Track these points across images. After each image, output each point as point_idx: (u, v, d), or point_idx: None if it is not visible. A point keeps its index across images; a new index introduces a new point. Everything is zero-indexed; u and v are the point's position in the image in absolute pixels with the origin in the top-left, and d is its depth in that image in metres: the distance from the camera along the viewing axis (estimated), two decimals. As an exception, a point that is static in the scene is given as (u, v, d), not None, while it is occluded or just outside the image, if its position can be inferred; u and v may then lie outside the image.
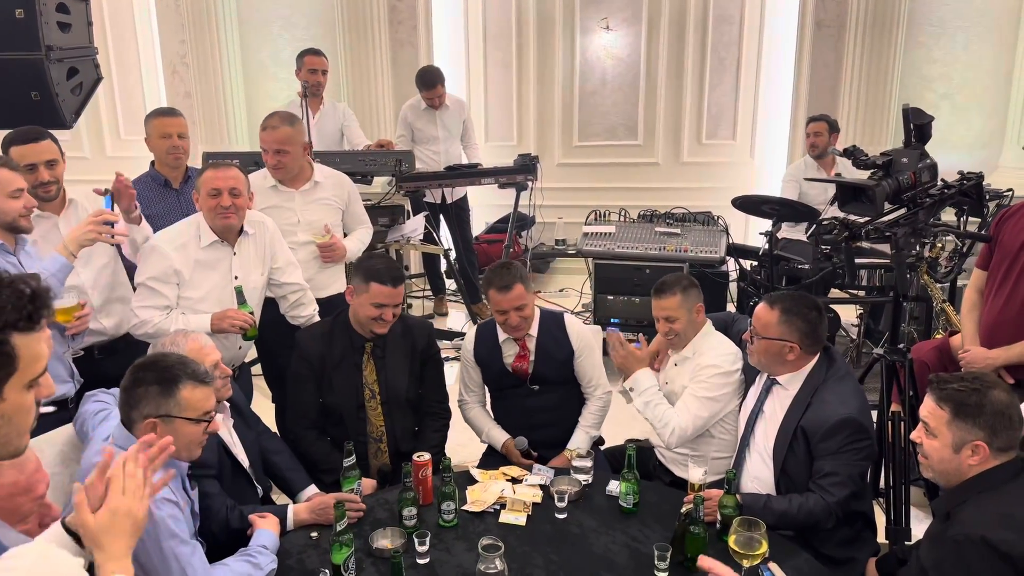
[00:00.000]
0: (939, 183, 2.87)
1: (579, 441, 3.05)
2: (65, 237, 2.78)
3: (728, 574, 1.75)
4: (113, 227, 2.79)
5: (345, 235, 3.88)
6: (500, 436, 3.10)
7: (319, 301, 3.44)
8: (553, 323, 3.10)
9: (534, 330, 3.04)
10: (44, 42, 3.46)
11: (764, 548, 2.08)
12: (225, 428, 2.54)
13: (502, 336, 3.06)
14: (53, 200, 3.04)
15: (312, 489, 2.71)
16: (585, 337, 3.11)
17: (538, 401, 3.09)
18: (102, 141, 7.30)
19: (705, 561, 1.84)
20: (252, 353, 3.54)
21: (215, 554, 2.21)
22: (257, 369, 3.88)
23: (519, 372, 3.07)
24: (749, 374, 2.84)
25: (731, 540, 2.12)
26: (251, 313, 2.99)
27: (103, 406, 2.39)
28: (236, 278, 3.00)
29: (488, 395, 3.26)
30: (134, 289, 3.03)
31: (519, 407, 3.10)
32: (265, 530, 2.31)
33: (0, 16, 3.39)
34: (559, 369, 3.08)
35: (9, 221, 2.66)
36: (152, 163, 3.68)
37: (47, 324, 1.31)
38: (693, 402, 2.80)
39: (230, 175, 2.95)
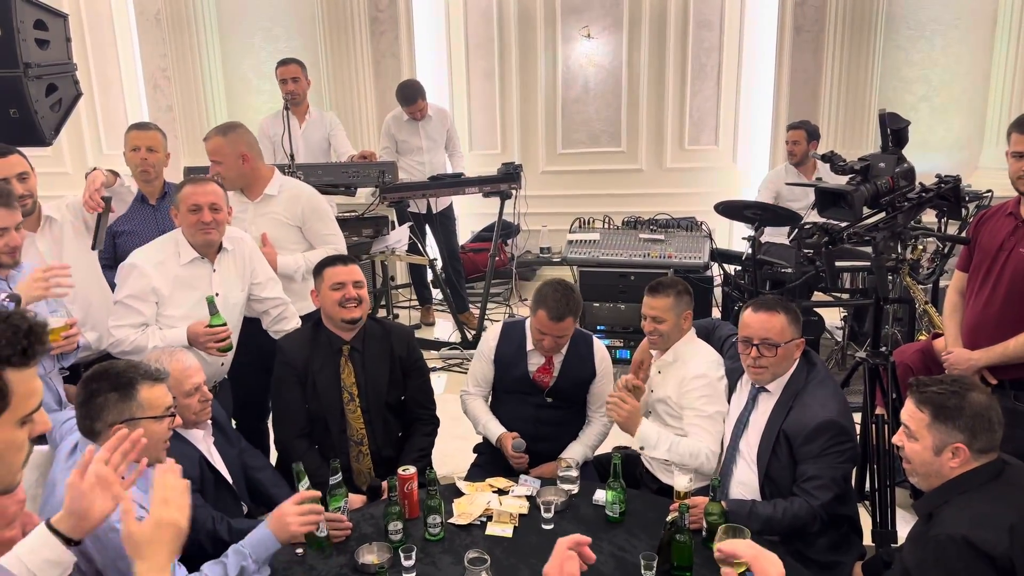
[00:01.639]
0: (917, 187, 2.89)
1: (575, 453, 3.04)
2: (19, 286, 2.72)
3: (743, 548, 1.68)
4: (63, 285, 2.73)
5: None
6: (497, 429, 3.09)
7: None
8: (583, 343, 3.10)
9: (563, 348, 3.04)
10: (22, 59, 3.44)
11: (749, 555, 2.09)
12: (206, 444, 2.53)
13: (530, 344, 3.05)
14: (29, 215, 3.03)
15: None
16: (607, 362, 3.13)
17: (547, 414, 3.08)
18: (84, 157, 7.27)
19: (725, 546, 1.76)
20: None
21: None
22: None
23: (539, 383, 3.07)
24: (729, 379, 2.86)
25: (716, 547, 2.12)
26: (223, 325, 2.93)
27: (72, 413, 2.38)
28: (217, 295, 2.98)
29: (491, 393, 3.25)
30: None
31: (527, 414, 3.09)
32: (263, 532, 2.19)
33: (-23, 35, 3.38)
34: (578, 388, 3.10)
35: None
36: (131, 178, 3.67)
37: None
38: (705, 422, 2.79)
39: (209, 190, 2.94)
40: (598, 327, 4.86)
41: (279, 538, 2.18)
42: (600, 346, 3.14)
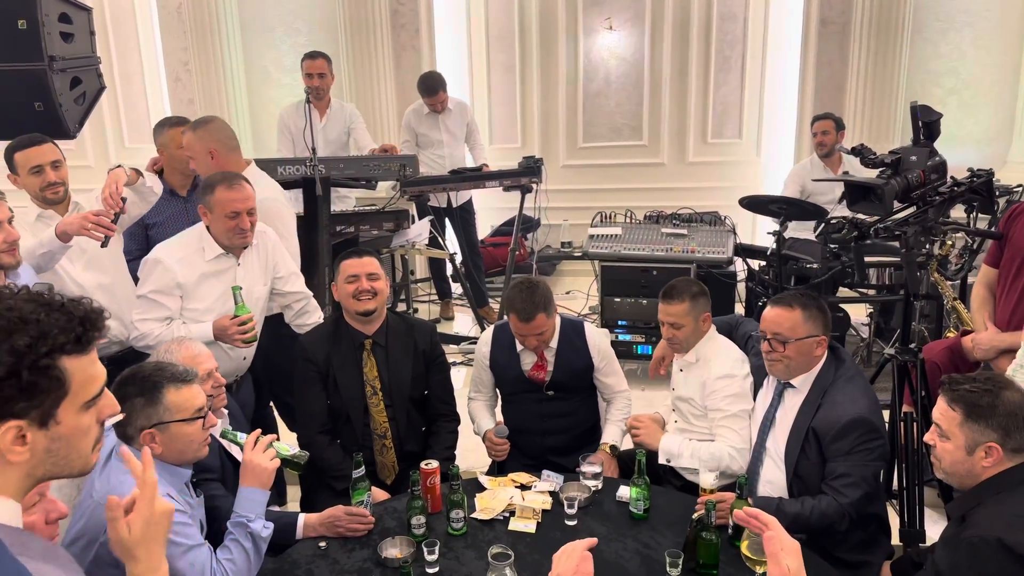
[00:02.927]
0: (949, 180, 2.84)
1: (613, 435, 3.06)
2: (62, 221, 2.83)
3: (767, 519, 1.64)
4: (105, 230, 2.82)
5: None
6: (485, 425, 3.12)
7: None
8: (573, 332, 3.07)
9: (554, 341, 3.02)
10: (47, 52, 3.45)
11: (777, 554, 2.05)
12: None
13: (519, 345, 3.04)
14: (61, 202, 3.11)
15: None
16: (603, 348, 3.11)
17: (552, 407, 3.08)
18: (106, 150, 7.31)
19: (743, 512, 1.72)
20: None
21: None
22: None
23: (536, 379, 3.05)
24: (756, 376, 2.82)
25: (743, 546, 2.09)
26: (249, 315, 2.93)
27: None
28: (240, 289, 2.98)
29: (500, 397, 3.24)
30: None
31: (533, 412, 3.09)
32: (245, 491, 2.20)
33: (2, 27, 3.40)
34: (577, 378, 3.08)
35: None
36: (160, 171, 3.67)
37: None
38: (731, 421, 2.77)
39: (247, 194, 2.94)
40: (619, 322, 4.82)
41: (261, 485, 2.20)
42: (592, 332, 3.11)
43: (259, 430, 2.29)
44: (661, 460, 2.74)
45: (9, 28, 3.39)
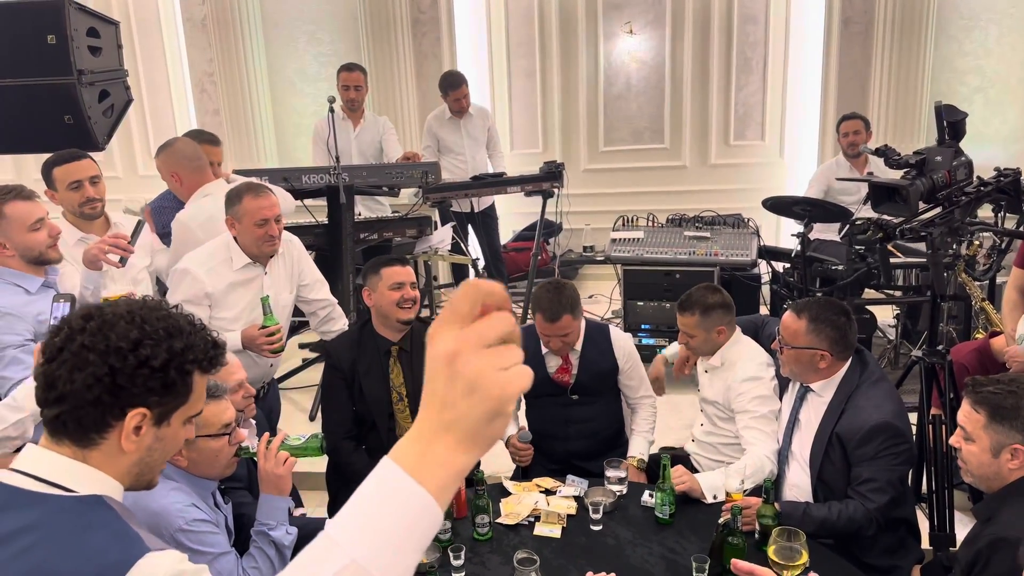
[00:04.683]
0: (975, 180, 2.81)
1: (640, 447, 3.05)
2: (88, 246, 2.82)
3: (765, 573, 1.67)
4: (122, 251, 2.78)
5: None
6: (508, 429, 3.11)
7: None
8: (598, 335, 3.07)
9: (578, 344, 3.02)
10: (76, 66, 3.52)
11: (805, 558, 2.05)
12: (251, 443, 2.56)
13: (545, 348, 3.04)
14: (98, 217, 3.12)
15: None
16: (629, 351, 3.10)
17: (576, 411, 3.07)
18: (134, 160, 7.42)
19: (740, 565, 1.75)
20: (281, 369, 3.55)
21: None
22: (285, 384, 3.91)
23: (560, 382, 3.05)
24: (782, 380, 2.81)
25: (770, 550, 2.09)
26: (277, 325, 2.96)
27: None
28: (269, 299, 3.00)
29: (523, 399, 3.25)
30: None
31: (556, 416, 3.08)
32: (265, 499, 2.22)
33: (33, 42, 3.47)
34: (601, 381, 3.07)
35: (36, 255, 2.58)
36: None
37: None
38: (759, 422, 2.76)
39: (274, 202, 2.98)
40: (642, 326, 4.81)
41: (279, 491, 2.21)
42: (618, 335, 3.11)
43: (267, 434, 2.31)
44: (709, 500, 2.59)
45: (39, 43, 3.47)
